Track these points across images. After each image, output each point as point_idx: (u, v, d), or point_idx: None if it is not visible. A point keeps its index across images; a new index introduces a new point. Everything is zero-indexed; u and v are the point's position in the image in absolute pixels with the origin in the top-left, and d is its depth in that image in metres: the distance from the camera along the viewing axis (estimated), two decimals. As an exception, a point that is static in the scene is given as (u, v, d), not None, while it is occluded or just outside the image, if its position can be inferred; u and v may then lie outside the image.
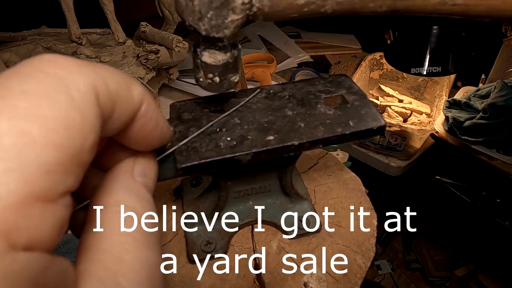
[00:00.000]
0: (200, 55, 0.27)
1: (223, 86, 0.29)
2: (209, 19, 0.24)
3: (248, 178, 0.38)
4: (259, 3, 0.25)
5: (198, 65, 0.28)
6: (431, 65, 0.74)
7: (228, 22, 0.25)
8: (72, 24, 0.72)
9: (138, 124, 0.17)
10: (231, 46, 0.27)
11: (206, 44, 0.27)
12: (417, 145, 1.00)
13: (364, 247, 0.38)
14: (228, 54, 0.28)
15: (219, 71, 0.28)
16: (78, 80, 0.13)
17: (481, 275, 1.23)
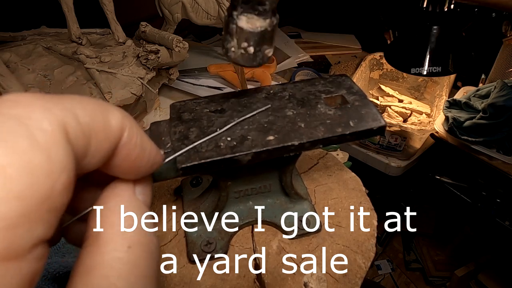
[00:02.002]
0: (236, 19, 0.24)
1: (256, 58, 0.26)
2: None
3: (248, 178, 0.38)
4: None
5: (231, 32, 0.25)
6: (431, 65, 0.74)
7: None
8: (72, 24, 0.72)
9: (122, 153, 0.16)
10: (272, 12, 0.25)
11: (245, 7, 0.24)
12: (417, 145, 1.00)
13: (364, 247, 0.38)
14: (268, 21, 0.25)
15: (255, 39, 0.25)
16: (41, 118, 0.12)
17: (481, 275, 1.23)
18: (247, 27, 0.25)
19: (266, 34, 0.25)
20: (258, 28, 0.25)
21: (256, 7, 0.24)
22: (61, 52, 0.70)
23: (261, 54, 0.26)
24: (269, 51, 0.27)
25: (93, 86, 0.64)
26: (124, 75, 0.66)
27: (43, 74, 0.65)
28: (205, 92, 0.89)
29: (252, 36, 0.25)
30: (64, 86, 0.64)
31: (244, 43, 0.25)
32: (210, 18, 0.94)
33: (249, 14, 0.24)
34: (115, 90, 0.64)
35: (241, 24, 0.25)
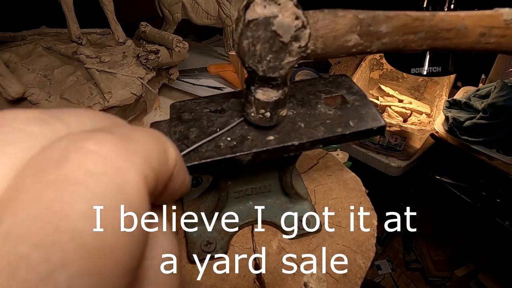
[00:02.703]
0: (253, 92, 0.29)
1: (272, 120, 0.30)
2: (268, 62, 0.26)
3: (248, 178, 0.38)
4: (313, 46, 0.27)
5: (250, 102, 0.30)
6: (431, 65, 0.74)
7: (284, 64, 0.27)
8: (72, 24, 0.72)
9: (169, 185, 0.15)
10: (283, 84, 0.29)
11: (260, 83, 0.28)
12: (417, 145, 1.00)
13: (364, 247, 0.38)
14: (280, 91, 0.29)
15: (271, 107, 0.29)
16: (130, 177, 0.11)
17: (481, 275, 1.23)
18: (263, 98, 0.29)
19: (280, 101, 0.29)
20: (272, 98, 0.29)
21: (270, 83, 0.28)
22: (61, 52, 0.70)
23: (277, 116, 0.30)
24: (283, 112, 0.31)
25: (93, 86, 0.64)
26: (124, 75, 0.66)
27: (43, 74, 0.65)
28: (205, 92, 0.89)
29: (268, 105, 0.29)
30: (64, 86, 0.64)
31: (262, 110, 0.30)
32: (210, 18, 0.94)
33: (264, 88, 0.29)
34: (115, 90, 0.64)
35: (258, 96, 0.29)
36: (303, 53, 0.27)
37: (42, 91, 0.61)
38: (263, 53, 0.26)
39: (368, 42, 0.28)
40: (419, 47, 0.30)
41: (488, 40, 0.30)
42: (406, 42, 0.29)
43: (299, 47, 0.26)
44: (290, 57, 0.27)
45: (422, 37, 0.29)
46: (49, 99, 0.61)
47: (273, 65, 0.27)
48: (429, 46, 0.30)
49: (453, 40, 0.30)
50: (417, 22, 0.28)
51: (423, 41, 0.29)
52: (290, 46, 0.26)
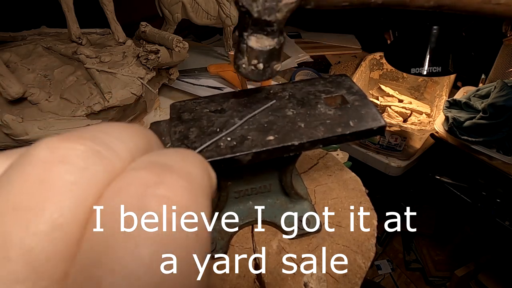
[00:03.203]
0: (246, 39, 0.26)
1: (265, 73, 0.28)
2: (264, 1, 0.24)
3: (248, 178, 0.38)
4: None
5: (242, 50, 0.27)
6: (431, 65, 0.74)
7: (281, 5, 0.24)
8: (72, 24, 0.71)
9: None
10: (279, 32, 0.26)
11: (254, 28, 0.26)
12: (417, 145, 1.00)
13: (364, 247, 0.38)
14: (276, 40, 0.27)
15: (264, 57, 0.27)
16: (199, 219, 0.11)
17: (481, 275, 1.23)
18: (256, 46, 0.26)
19: (275, 51, 0.27)
20: (267, 47, 0.27)
21: (265, 28, 0.26)
22: (61, 52, 0.70)
23: (270, 69, 0.28)
24: (278, 66, 0.29)
25: (93, 86, 0.64)
26: (124, 75, 0.66)
27: (43, 74, 0.65)
28: (205, 92, 0.89)
29: (262, 54, 0.27)
30: (64, 86, 0.64)
31: (254, 60, 0.27)
32: (210, 18, 0.94)
33: (258, 34, 0.26)
34: (115, 90, 0.64)
35: (251, 43, 0.26)
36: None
37: (42, 91, 0.61)
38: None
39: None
40: (427, 3, 0.27)
41: (499, 0, 0.27)
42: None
43: None
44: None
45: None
46: (49, 99, 0.61)
47: (270, 5, 0.24)
48: (437, 2, 0.27)
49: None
50: None
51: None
52: None
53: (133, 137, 0.13)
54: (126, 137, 0.12)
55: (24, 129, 0.55)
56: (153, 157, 0.12)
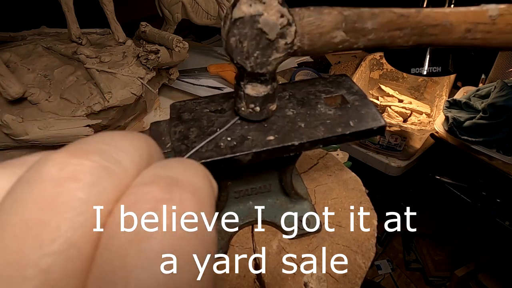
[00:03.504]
0: (243, 88, 0.30)
1: (262, 114, 0.31)
2: (255, 58, 0.27)
3: (248, 178, 0.38)
4: (300, 43, 0.28)
5: (241, 97, 0.30)
6: (431, 65, 0.74)
7: (271, 60, 0.28)
8: (72, 24, 0.71)
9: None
10: (272, 79, 0.30)
11: (249, 79, 0.29)
12: (417, 145, 1.00)
13: (364, 247, 0.38)
14: (269, 86, 0.30)
15: (260, 101, 0.30)
16: (210, 228, 0.12)
17: (481, 275, 1.23)
18: (252, 93, 0.30)
19: (269, 96, 0.30)
20: (261, 93, 0.30)
21: (259, 78, 0.29)
22: (61, 52, 0.70)
23: (266, 110, 0.31)
24: (273, 106, 0.32)
25: (93, 86, 0.64)
26: (124, 75, 0.66)
27: (43, 74, 0.65)
28: (205, 92, 0.89)
29: (257, 100, 0.30)
30: (64, 86, 0.64)
31: (251, 105, 0.30)
32: (210, 18, 0.94)
33: (253, 83, 0.29)
34: (115, 90, 0.64)
35: (247, 91, 0.30)
36: (289, 49, 0.28)
37: (42, 91, 0.61)
38: (250, 50, 0.27)
39: (354, 38, 0.29)
40: (406, 43, 0.30)
41: (474, 36, 0.30)
42: (392, 38, 0.29)
43: (286, 43, 0.27)
44: (277, 53, 0.27)
45: (408, 33, 0.29)
46: (49, 99, 0.61)
47: (261, 61, 0.27)
48: (416, 42, 0.30)
49: (439, 36, 0.30)
50: (402, 19, 0.29)
51: (409, 37, 0.29)
52: (277, 43, 0.27)
53: (137, 147, 0.13)
54: (130, 148, 0.13)
55: (24, 129, 0.55)
56: (159, 170, 0.12)
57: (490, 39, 0.30)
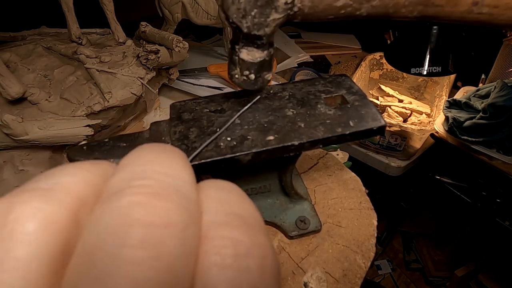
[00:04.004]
0: (238, 52, 0.28)
1: (257, 83, 0.30)
2: (252, 17, 0.25)
3: (248, 178, 0.38)
4: (301, 3, 0.26)
5: (235, 62, 0.29)
6: (431, 65, 0.74)
7: (269, 21, 0.26)
8: (72, 24, 0.71)
9: None
10: (269, 44, 0.28)
11: (245, 42, 0.28)
12: (417, 145, 1.00)
13: (364, 247, 0.38)
14: (265, 52, 0.28)
15: (255, 68, 0.29)
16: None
17: (481, 275, 1.23)
18: (247, 58, 0.28)
19: (265, 63, 0.29)
20: (257, 59, 0.28)
21: (255, 41, 0.28)
22: (61, 52, 0.69)
23: (261, 79, 0.30)
24: (268, 75, 0.30)
25: (93, 86, 0.64)
26: (124, 75, 0.66)
27: (43, 74, 0.65)
28: (205, 92, 0.89)
29: (252, 66, 0.29)
30: (64, 86, 0.64)
31: (246, 71, 0.29)
32: (210, 18, 0.94)
33: (249, 47, 0.28)
34: (115, 90, 0.64)
35: (242, 56, 0.28)
36: (289, 10, 0.26)
37: (42, 91, 0.61)
38: (248, 7, 0.25)
39: (357, 3, 0.27)
40: (410, 13, 0.29)
41: (481, 10, 0.29)
42: (396, 6, 0.28)
43: (286, 3, 0.25)
44: (276, 13, 0.26)
45: (413, 2, 0.28)
46: (49, 99, 0.61)
47: (258, 21, 0.26)
48: (421, 13, 0.29)
49: (445, 8, 0.29)
50: None
51: (414, 6, 0.28)
52: (276, 1, 0.25)
53: (175, 172, 0.13)
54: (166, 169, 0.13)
55: (24, 129, 0.55)
56: (223, 206, 0.13)
57: (497, 14, 0.29)
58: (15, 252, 0.09)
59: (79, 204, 0.11)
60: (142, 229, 0.10)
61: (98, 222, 0.10)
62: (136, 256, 0.09)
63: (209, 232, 0.11)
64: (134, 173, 0.12)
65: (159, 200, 0.10)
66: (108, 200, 0.10)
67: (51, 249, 0.10)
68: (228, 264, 0.10)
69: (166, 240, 0.10)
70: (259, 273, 0.11)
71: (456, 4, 0.29)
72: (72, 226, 0.11)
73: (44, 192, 0.11)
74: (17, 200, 0.10)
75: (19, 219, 0.10)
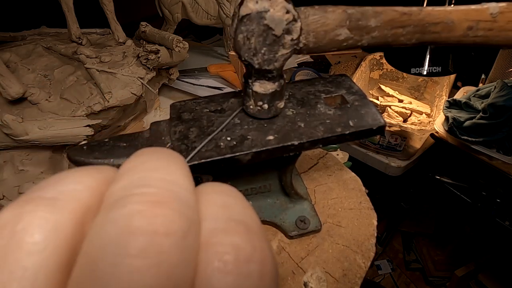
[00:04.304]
0: (251, 85, 0.30)
1: (270, 111, 0.31)
2: (262, 54, 0.28)
3: (248, 178, 0.38)
4: (305, 40, 0.28)
5: (249, 94, 0.31)
6: (431, 65, 0.74)
7: (278, 56, 0.28)
8: (72, 24, 0.71)
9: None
10: (279, 76, 0.30)
11: (257, 76, 0.30)
12: (417, 145, 1.00)
13: (364, 247, 0.38)
14: (277, 83, 0.30)
15: (268, 99, 0.31)
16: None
17: (481, 275, 1.23)
18: (260, 90, 0.30)
19: (276, 93, 0.31)
20: (269, 90, 0.30)
21: (266, 75, 0.29)
22: (61, 52, 0.70)
23: (274, 107, 0.32)
24: (281, 104, 0.32)
25: (93, 86, 0.64)
26: (124, 75, 0.66)
27: (43, 74, 0.65)
28: (205, 92, 0.89)
29: (265, 97, 0.30)
30: (64, 86, 0.64)
31: (260, 102, 0.31)
32: (210, 18, 0.94)
33: (261, 80, 0.30)
34: (115, 90, 0.64)
35: (255, 89, 0.30)
36: (296, 46, 0.28)
37: (42, 91, 0.61)
38: (258, 46, 0.27)
39: (358, 36, 0.29)
40: (409, 41, 0.30)
41: (476, 33, 0.30)
42: (395, 36, 0.30)
43: (292, 40, 0.27)
44: (284, 49, 0.28)
45: (410, 31, 0.30)
46: (49, 99, 0.61)
47: (268, 57, 0.28)
48: (419, 40, 0.30)
49: (441, 34, 0.30)
50: (404, 17, 0.30)
51: (412, 35, 0.30)
52: (283, 39, 0.27)
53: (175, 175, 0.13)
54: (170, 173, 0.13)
55: (24, 129, 0.55)
56: (224, 212, 0.13)
57: (492, 36, 0.31)
58: (24, 261, 0.10)
59: (85, 211, 0.11)
60: (143, 237, 0.10)
61: (99, 231, 0.10)
62: (137, 265, 0.09)
63: (210, 238, 0.11)
64: (134, 180, 0.12)
65: (159, 208, 0.11)
66: (109, 209, 0.11)
67: (59, 258, 0.10)
68: (229, 270, 0.10)
69: (166, 249, 0.10)
70: (259, 278, 0.11)
71: (451, 30, 0.30)
72: (78, 234, 0.11)
73: (51, 201, 0.11)
74: (25, 210, 0.11)
75: (28, 229, 0.10)
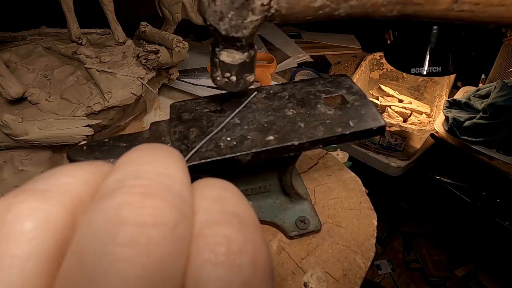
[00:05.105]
0: (218, 54, 0.28)
1: (239, 85, 0.30)
2: (229, 19, 0.25)
3: (248, 178, 0.38)
4: (277, 5, 0.26)
5: (215, 64, 0.29)
6: (431, 65, 0.74)
7: (247, 23, 0.26)
8: (72, 24, 0.71)
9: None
10: (249, 46, 0.28)
11: (224, 44, 0.28)
12: (417, 145, 1.00)
13: (364, 247, 0.38)
14: (246, 54, 0.28)
15: (236, 70, 0.29)
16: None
17: (481, 275, 1.23)
18: (228, 60, 0.28)
19: (246, 64, 0.29)
20: (237, 60, 0.28)
21: (234, 43, 0.27)
22: (61, 52, 0.69)
23: (243, 80, 0.30)
24: (250, 77, 0.30)
25: (93, 86, 0.64)
26: (124, 75, 0.66)
27: (43, 74, 0.65)
28: (205, 92, 0.89)
29: (233, 68, 0.29)
30: (64, 86, 0.64)
31: (227, 73, 0.29)
32: (210, 18, 0.94)
33: (229, 49, 0.28)
34: (115, 90, 0.64)
35: (222, 58, 0.28)
36: (266, 12, 0.26)
37: (42, 91, 0.61)
38: (224, 10, 0.25)
39: (335, 4, 0.27)
40: (390, 12, 0.28)
41: (461, 7, 0.28)
42: (375, 6, 0.28)
43: (262, 4, 0.25)
44: (253, 15, 0.26)
45: (391, 1, 0.28)
46: (49, 99, 0.61)
47: (235, 23, 0.26)
48: (400, 12, 0.28)
49: (424, 7, 0.28)
50: None
51: (393, 5, 0.28)
52: (252, 3, 0.25)
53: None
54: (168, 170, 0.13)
55: (24, 129, 0.55)
56: (217, 205, 0.13)
57: (478, 12, 0.28)
58: (13, 250, 0.10)
59: (77, 204, 0.11)
60: (132, 227, 0.10)
61: (89, 222, 0.10)
62: (126, 254, 0.09)
63: (202, 230, 0.11)
64: (128, 173, 0.12)
65: (150, 199, 0.10)
66: (100, 200, 0.11)
67: (49, 248, 0.10)
68: (220, 261, 0.10)
69: (156, 239, 0.10)
70: (251, 270, 0.11)
71: (435, 2, 0.28)
72: (69, 226, 0.11)
73: (42, 192, 0.11)
74: (15, 200, 0.11)
75: (17, 218, 0.10)
